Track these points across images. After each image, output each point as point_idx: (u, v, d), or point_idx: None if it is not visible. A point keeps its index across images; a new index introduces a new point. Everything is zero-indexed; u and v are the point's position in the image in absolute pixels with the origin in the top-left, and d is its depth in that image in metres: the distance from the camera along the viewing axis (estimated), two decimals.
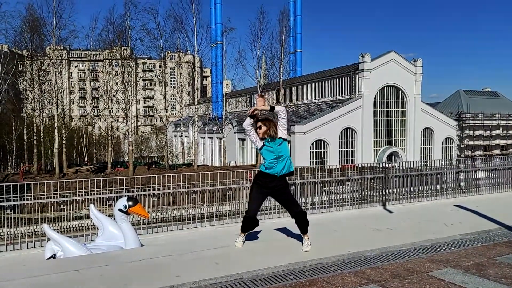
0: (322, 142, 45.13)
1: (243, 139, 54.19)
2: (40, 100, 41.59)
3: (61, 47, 45.14)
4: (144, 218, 7.91)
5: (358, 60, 47.90)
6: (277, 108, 4.82)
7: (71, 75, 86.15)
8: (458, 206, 9.02)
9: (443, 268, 4.26)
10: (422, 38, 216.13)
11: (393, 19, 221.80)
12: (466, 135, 57.10)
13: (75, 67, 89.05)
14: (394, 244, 5.32)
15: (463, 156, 52.64)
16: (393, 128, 50.12)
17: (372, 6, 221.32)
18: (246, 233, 5.37)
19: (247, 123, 4.85)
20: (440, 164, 13.60)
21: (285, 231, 6.29)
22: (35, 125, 42.40)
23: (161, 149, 66.67)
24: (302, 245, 5.11)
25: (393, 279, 3.90)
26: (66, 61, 55.09)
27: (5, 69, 38.46)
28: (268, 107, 4.83)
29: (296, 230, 6.20)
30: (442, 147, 54.13)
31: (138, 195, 8.94)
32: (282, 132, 4.88)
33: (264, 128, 4.81)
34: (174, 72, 66.60)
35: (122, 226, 6.21)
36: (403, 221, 7.44)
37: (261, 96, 4.93)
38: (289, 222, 5.70)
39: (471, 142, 57.71)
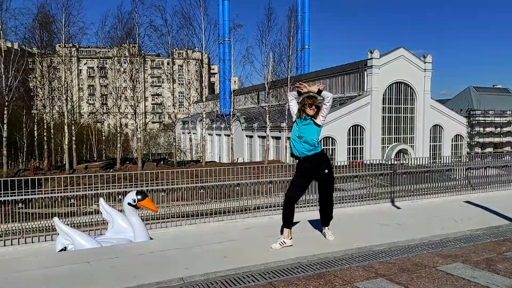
0: (330, 139, 44.98)
1: (251, 136, 54.24)
2: (50, 97, 42.08)
3: (70, 45, 45.54)
4: (153, 213, 7.99)
5: (366, 57, 47.55)
6: (324, 93, 4.76)
7: (80, 73, 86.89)
8: (467, 202, 8.94)
9: (452, 263, 4.24)
10: (432, 34, 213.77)
11: (403, 15, 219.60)
12: (476, 132, 56.40)
13: (84, 64, 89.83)
14: (402, 239, 5.30)
15: (473, 153, 52.06)
16: (402, 125, 49.72)
17: (381, 2, 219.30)
18: (290, 230, 4.94)
19: (293, 94, 4.88)
20: (450, 161, 13.48)
21: (294, 225, 6.31)
22: (45, 121, 42.95)
23: (169, 145, 67.03)
24: (326, 235, 5.30)
25: (402, 273, 3.90)
26: (76, 58, 55.58)
27: (15, 67, 38.93)
28: (316, 89, 4.75)
29: (305, 225, 6.23)
30: (452, 144, 53.59)
31: (147, 190, 9.02)
32: (320, 118, 4.81)
33: (311, 104, 4.74)
34: (182, 69, 66.82)
35: (131, 219, 6.28)
36: (412, 217, 7.40)
37: (317, 84, 4.97)
38: (298, 217, 5.71)
39: (481, 139, 56.99)
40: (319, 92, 4.77)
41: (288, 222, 4.94)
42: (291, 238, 4.96)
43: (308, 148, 4.78)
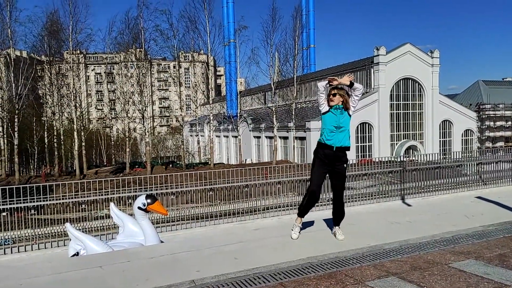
0: None
1: (258, 137, 54.24)
2: (59, 104, 42.59)
3: (78, 51, 46.05)
4: (163, 216, 8.03)
5: (373, 54, 47.26)
6: (356, 85, 4.84)
7: (88, 79, 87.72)
8: (479, 198, 8.83)
9: (464, 259, 4.19)
10: (439, 29, 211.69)
11: (408, 11, 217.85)
12: (486, 126, 55.68)
13: (92, 70, 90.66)
14: (413, 236, 5.26)
15: (484, 148, 51.39)
16: (411, 122, 49.31)
17: None
18: (303, 218, 5.32)
19: (323, 85, 4.83)
20: (460, 156, 13.32)
21: (303, 225, 6.29)
22: (55, 128, 43.46)
23: (178, 148, 67.32)
24: (336, 235, 5.31)
25: (413, 271, 3.87)
26: (83, 64, 56.18)
27: (24, 75, 39.50)
28: (348, 82, 4.81)
29: (315, 225, 6.21)
30: (462, 139, 52.99)
31: (157, 193, 9.07)
32: (351, 109, 4.93)
33: (339, 97, 4.81)
34: (188, 72, 67.10)
35: (141, 223, 6.32)
36: (423, 214, 7.33)
37: (350, 75, 4.91)
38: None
39: (492, 134, 56.24)
40: (352, 84, 4.83)
41: (308, 210, 5.23)
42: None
43: (346, 139, 4.91)
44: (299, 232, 5.33)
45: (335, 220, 5.35)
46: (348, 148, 5.00)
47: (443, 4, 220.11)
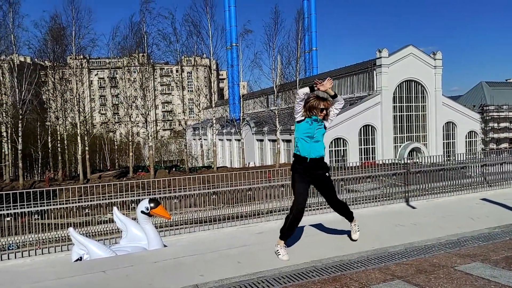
0: (341, 140, 44.69)
1: (261, 140, 54.23)
2: (63, 109, 42.78)
3: (81, 56, 46.31)
4: (166, 220, 8.02)
5: (375, 56, 47.23)
6: (339, 97, 4.71)
7: (92, 83, 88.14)
8: (484, 200, 8.76)
9: (470, 262, 4.15)
10: (441, 31, 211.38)
11: (411, 13, 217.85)
12: (490, 128, 55.41)
13: (95, 75, 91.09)
14: (418, 239, 5.21)
15: (488, 149, 51.12)
16: (414, 124, 49.16)
17: (385, 1, 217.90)
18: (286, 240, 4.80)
19: (304, 92, 4.57)
20: (464, 158, 13.25)
21: (306, 229, 6.26)
22: (58, 133, 43.66)
23: (181, 152, 67.49)
24: (351, 232, 5.19)
25: (419, 275, 3.83)
26: (87, 69, 56.53)
27: (28, 80, 39.75)
28: (332, 92, 4.67)
29: (318, 228, 6.17)
30: (466, 141, 52.75)
31: (160, 197, 9.07)
32: (329, 121, 4.78)
33: (322, 109, 4.60)
34: (191, 76, 67.24)
35: (145, 227, 6.31)
36: (427, 216, 7.28)
37: (330, 79, 4.74)
38: (309, 220, 5.68)
39: (496, 135, 55.96)
40: (335, 96, 4.69)
41: (293, 232, 4.78)
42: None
43: (319, 151, 4.69)
44: (287, 253, 4.67)
45: (346, 217, 5.13)
46: (323, 158, 4.76)
47: (445, 6, 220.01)
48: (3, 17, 39.24)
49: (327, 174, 4.83)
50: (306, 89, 4.58)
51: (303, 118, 4.69)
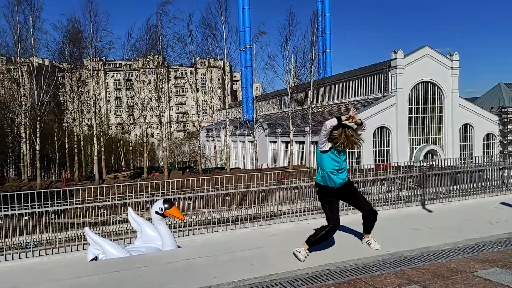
0: None
1: (274, 142, 54.15)
2: (80, 110, 43.52)
3: (98, 59, 47.07)
4: (180, 221, 8.06)
5: (390, 57, 46.70)
6: (363, 124, 4.68)
7: (108, 85, 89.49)
8: (503, 204, 8.56)
9: (489, 268, 4.04)
10: (458, 31, 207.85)
11: (426, 13, 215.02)
12: (509, 130, 54.10)
13: (111, 77, 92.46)
14: (435, 243, 5.11)
15: (506, 152, 49.96)
16: (430, 126, 48.37)
17: (401, 2, 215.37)
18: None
19: (332, 125, 4.49)
20: (482, 161, 12.97)
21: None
22: (75, 134, 44.40)
23: (194, 153, 67.87)
24: (370, 244, 5.12)
25: (436, 280, 3.75)
26: (103, 71, 57.43)
27: (46, 82, 40.59)
28: (360, 122, 4.62)
29: None
30: (483, 143, 51.65)
31: (174, 198, 9.11)
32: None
33: (347, 138, 4.55)
34: (205, 77, 67.63)
35: (159, 228, 6.35)
36: (444, 220, 7.14)
37: (355, 110, 4.74)
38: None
39: None
40: (361, 123, 4.63)
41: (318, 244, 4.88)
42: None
43: (344, 178, 4.77)
44: (307, 255, 4.73)
45: (367, 228, 5.13)
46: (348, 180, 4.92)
47: (461, 6, 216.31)
48: (24, 21, 40.22)
49: (347, 184, 4.88)
50: (334, 122, 4.51)
51: (328, 148, 4.65)
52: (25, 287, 4.61)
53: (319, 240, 4.73)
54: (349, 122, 4.56)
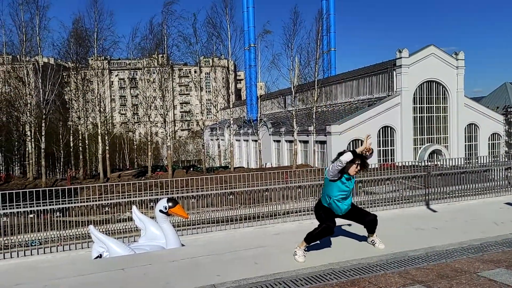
0: (359, 141, 44.07)
1: (278, 141, 54.12)
2: (84, 109, 43.72)
3: (103, 58, 47.24)
4: (184, 219, 8.08)
5: (395, 56, 46.49)
6: (372, 150, 4.84)
7: (112, 84, 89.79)
8: (508, 204, 8.50)
9: (494, 268, 4.02)
10: (463, 30, 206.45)
11: (431, 12, 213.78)
12: None
13: (116, 76, 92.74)
14: (440, 243, 5.09)
15: (511, 152, 49.62)
16: (435, 125, 48.12)
17: (409, 0, 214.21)
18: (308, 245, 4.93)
19: (348, 160, 4.48)
20: (487, 161, 12.88)
21: None
22: (80, 132, 44.62)
23: (198, 152, 67.99)
24: (375, 244, 5.14)
25: (440, 280, 3.73)
26: (108, 70, 57.64)
27: (51, 81, 40.81)
28: (372, 150, 4.79)
29: (337, 230, 6.10)
30: (489, 143, 51.31)
31: (178, 197, 9.13)
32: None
33: (360, 170, 4.70)
34: (209, 76, 67.67)
35: (163, 226, 6.37)
36: (449, 220, 7.11)
37: (369, 136, 4.81)
38: None
39: None
40: (372, 151, 4.79)
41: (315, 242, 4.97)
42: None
43: (349, 203, 4.82)
44: (304, 255, 4.77)
45: (370, 230, 5.15)
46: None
47: (468, 5, 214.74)
48: (30, 19, 40.43)
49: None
50: (350, 157, 4.50)
51: (338, 178, 4.65)
52: (30, 285, 4.64)
53: (315, 238, 4.75)
54: (364, 153, 4.61)
